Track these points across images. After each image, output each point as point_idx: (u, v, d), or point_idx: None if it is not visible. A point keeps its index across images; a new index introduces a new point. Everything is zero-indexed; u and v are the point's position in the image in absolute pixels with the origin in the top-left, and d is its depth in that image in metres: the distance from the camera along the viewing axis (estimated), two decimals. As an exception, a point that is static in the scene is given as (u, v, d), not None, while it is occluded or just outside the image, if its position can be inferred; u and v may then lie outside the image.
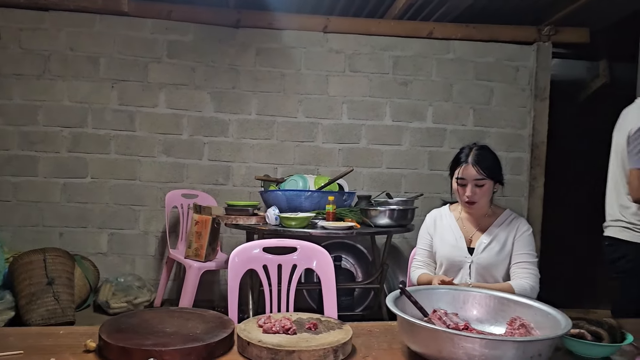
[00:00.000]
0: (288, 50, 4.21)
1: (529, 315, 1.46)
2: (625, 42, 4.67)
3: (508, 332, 1.40)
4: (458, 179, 2.05)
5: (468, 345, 1.16)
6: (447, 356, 1.20)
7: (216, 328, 1.31)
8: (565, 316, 1.35)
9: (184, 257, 3.57)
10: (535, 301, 1.52)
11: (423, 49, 4.33)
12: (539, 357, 1.21)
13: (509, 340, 1.20)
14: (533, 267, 2.03)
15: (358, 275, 4.13)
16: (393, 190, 4.22)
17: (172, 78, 4.10)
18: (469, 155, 2.05)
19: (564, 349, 1.43)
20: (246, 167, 4.21)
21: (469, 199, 2.03)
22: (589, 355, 1.40)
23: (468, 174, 2.02)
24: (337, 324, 1.42)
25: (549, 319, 1.39)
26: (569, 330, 1.34)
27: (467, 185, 2.03)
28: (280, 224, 3.09)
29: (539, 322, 1.41)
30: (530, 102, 4.41)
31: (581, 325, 1.44)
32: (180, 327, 1.32)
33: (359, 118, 4.30)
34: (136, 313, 1.44)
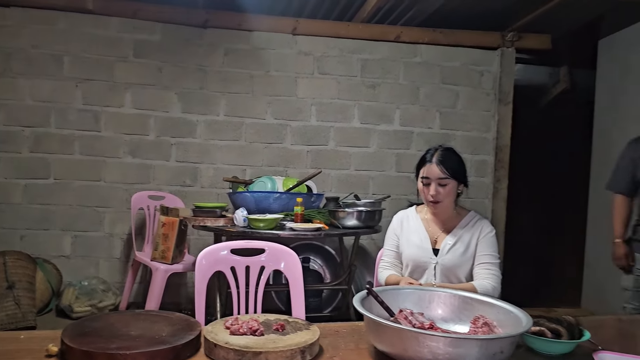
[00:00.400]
0: (257, 51, 4.20)
1: (492, 313, 1.49)
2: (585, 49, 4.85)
3: (472, 330, 1.43)
4: (422, 178, 2.09)
5: (433, 344, 1.19)
6: (413, 355, 1.22)
7: (182, 330, 1.30)
8: (526, 314, 1.39)
9: (151, 260, 3.52)
10: (498, 300, 1.56)
11: (391, 52, 4.38)
12: (501, 354, 1.24)
13: (471, 338, 1.23)
14: (495, 268, 2.07)
15: (326, 277, 4.14)
16: (361, 191, 4.26)
17: (139, 78, 4.04)
18: (434, 155, 2.09)
19: (525, 346, 1.48)
20: (214, 168, 4.17)
21: (432, 198, 2.07)
22: (548, 352, 1.45)
23: (432, 173, 2.06)
24: (304, 324, 1.43)
25: (510, 317, 1.43)
26: (530, 328, 1.38)
27: (431, 184, 2.07)
28: (248, 225, 3.08)
29: (501, 320, 1.45)
30: (495, 106, 4.52)
31: (541, 323, 1.49)
32: (146, 330, 1.30)
33: (327, 120, 4.32)
34: (100, 316, 1.41)
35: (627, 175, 2.79)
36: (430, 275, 2.09)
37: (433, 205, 2.10)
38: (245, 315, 1.49)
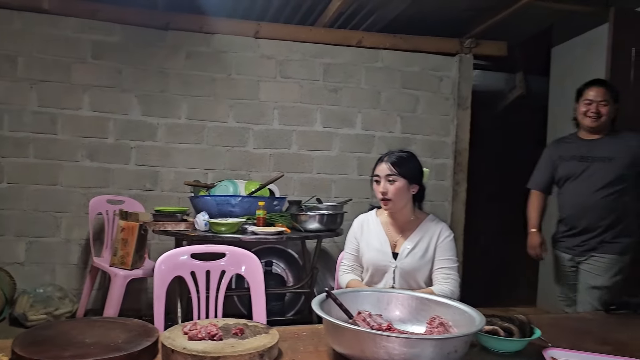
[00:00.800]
0: (219, 54, 4.18)
1: (448, 314, 1.53)
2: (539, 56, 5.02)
3: (428, 330, 1.47)
4: (374, 176, 2.14)
5: (389, 344, 1.21)
6: (370, 356, 1.24)
7: (139, 337, 1.29)
8: (479, 314, 1.44)
9: (109, 265, 3.45)
10: (453, 300, 1.61)
11: (353, 57, 4.43)
12: (455, 353, 1.27)
13: (426, 338, 1.26)
14: (454, 272, 2.12)
15: (289, 280, 4.14)
16: (323, 195, 4.29)
17: (97, 80, 3.96)
18: (386, 155, 2.15)
19: (479, 345, 1.52)
20: (175, 172, 4.12)
21: (382, 196, 2.10)
22: (501, 350, 1.49)
23: (381, 170, 2.12)
24: (263, 328, 1.44)
25: (465, 317, 1.47)
26: (483, 327, 1.43)
27: (381, 181, 2.11)
28: (210, 229, 3.06)
29: (456, 320, 1.48)
30: (454, 110, 4.62)
31: (494, 322, 1.53)
32: (101, 337, 1.28)
33: (290, 124, 4.33)
34: (53, 324, 1.39)
35: (546, 174, 2.97)
36: (390, 279, 2.12)
37: (384, 203, 2.13)
38: (204, 320, 1.49)
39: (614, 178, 2.74)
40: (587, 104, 2.77)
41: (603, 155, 2.77)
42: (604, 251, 2.79)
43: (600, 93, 2.77)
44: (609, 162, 2.75)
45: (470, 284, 4.01)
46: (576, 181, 2.83)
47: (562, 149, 2.93)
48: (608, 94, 2.77)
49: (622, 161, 2.74)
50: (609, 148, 2.77)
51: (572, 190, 2.86)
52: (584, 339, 1.70)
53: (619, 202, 2.77)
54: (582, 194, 2.80)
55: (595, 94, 2.77)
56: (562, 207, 2.94)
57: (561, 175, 2.91)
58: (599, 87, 2.79)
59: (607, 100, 2.76)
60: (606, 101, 2.76)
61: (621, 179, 2.75)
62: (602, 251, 2.79)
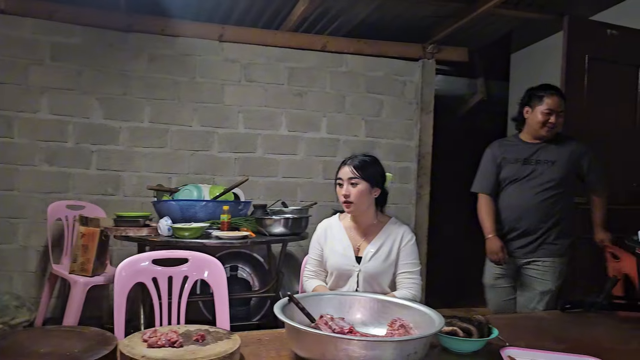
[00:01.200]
0: (182, 57, 4.13)
1: (409, 316, 1.56)
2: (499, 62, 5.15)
3: (389, 332, 1.49)
4: (337, 179, 2.15)
5: (349, 347, 1.22)
6: (331, 359, 1.25)
7: (97, 345, 1.26)
8: (439, 315, 1.47)
9: (69, 272, 3.36)
10: (414, 302, 1.64)
11: (317, 61, 4.45)
12: (415, 354, 1.30)
13: (385, 340, 1.28)
14: (416, 276, 2.15)
15: (255, 284, 4.13)
16: (289, 199, 4.28)
17: (56, 82, 3.86)
18: (349, 159, 2.17)
19: (440, 346, 1.55)
20: (138, 176, 4.05)
21: (345, 199, 2.12)
22: (460, 350, 1.53)
23: (344, 173, 2.13)
24: (225, 334, 1.43)
25: (425, 319, 1.50)
26: (442, 328, 1.46)
27: (343, 184, 2.13)
28: (173, 235, 3.02)
29: (417, 322, 1.51)
30: (417, 115, 4.69)
31: (454, 323, 1.56)
32: (57, 346, 1.25)
33: (255, 128, 4.32)
34: (8, 334, 1.35)
35: (492, 177, 2.92)
36: (353, 283, 2.13)
37: (346, 206, 2.14)
38: (165, 327, 1.47)
39: (556, 181, 2.77)
40: (547, 114, 2.74)
41: (547, 158, 2.79)
42: (545, 254, 2.81)
43: (559, 103, 2.75)
44: (552, 166, 2.77)
45: (434, 285, 4.07)
46: (519, 183, 2.83)
47: (506, 151, 2.90)
48: (564, 103, 2.77)
49: (564, 165, 2.78)
50: (552, 152, 2.79)
51: (514, 193, 2.85)
52: (540, 338, 1.75)
53: (558, 205, 2.80)
54: (524, 197, 2.80)
55: (556, 104, 2.74)
56: (503, 209, 2.91)
57: (504, 177, 2.88)
58: (558, 97, 2.76)
59: (563, 110, 2.76)
60: (562, 111, 2.76)
61: (562, 182, 2.78)
62: (543, 254, 2.81)
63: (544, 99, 2.75)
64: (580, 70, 3.15)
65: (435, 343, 1.55)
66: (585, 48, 3.16)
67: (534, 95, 2.81)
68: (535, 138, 2.83)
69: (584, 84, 3.17)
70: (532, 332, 1.82)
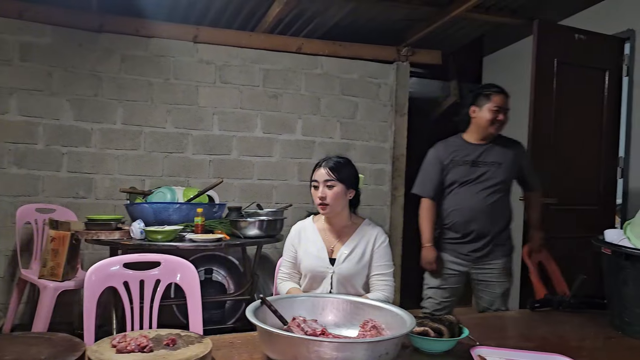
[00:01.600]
0: (156, 58, 4.09)
1: (381, 317, 1.57)
2: (472, 65, 5.23)
3: (361, 334, 1.50)
4: (312, 181, 2.16)
5: (321, 349, 1.23)
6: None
7: (64, 352, 1.24)
8: (410, 316, 1.48)
9: (38, 277, 3.29)
10: (386, 303, 1.65)
11: (292, 63, 4.45)
12: (387, 355, 1.31)
13: (357, 342, 1.29)
14: (389, 278, 2.17)
15: (230, 287, 4.10)
16: (264, 201, 4.27)
17: (25, 83, 3.77)
18: (322, 160, 2.19)
19: (411, 346, 1.57)
20: (110, 179, 3.99)
21: (320, 201, 2.12)
22: (432, 350, 1.54)
23: (319, 175, 2.14)
24: (197, 338, 1.42)
25: (397, 319, 1.51)
26: (414, 329, 1.47)
27: (319, 187, 2.13)
28: (145, 238, 2.98)
29: (389, 322, 1.52)
30: (391, 117, 4.73)
31: (425, 323, 1.58)
32: (22, 353, 1.22)
33: (229, 129, 4.29)
34: (-28, 342, 1.31)
35: (438, 180, 2.85)
36: (327, 285, 2.14)
37: (322, 208, 2.15)
38: (135, 332, 1.45)
39: (502, 183, 2.77)
40: (496, 111, 2.71)
41: (494, 160, 2.77)
42: (496, 256, 2.80)
43: (506, 101, 2.74)
44: (499, 167, 2.76)
45: (408, 286, 4.10)
46: (468, 186, 2.78)
47: (454, 153, 2.83)
48: (509, 103, 2.76)
49: (509, 166, 2.78)
50: (498, 153, 2.78)
51: (464, 196, 2.79)
52: (509, 337, 1.79)
53: (505, 206, 2.82)
54: (475, 199, 2.76)
55: (502, 102, 2.72)
56: (451, 213, 2.83)
57: (453, 179, 2.82)
58: (505, 95, 2.75)
59: (509, 108, 2.76)
60: (508, 109, 2.76)
61: (507, 183, 2.81)
62: (496, 256, 2.80)
63: (491, 97, 2.72)
64: (550, 74, 3.22)
65: (407, 343, 1.56)
66: (555, 52, 3.23)
67: (480, 95, 2.77)
68: (482, 138, 2.79)
69: (553, 87, 3.24)
70: (502, 331, 1.85)
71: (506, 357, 1.48)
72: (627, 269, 1.79)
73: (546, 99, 3.20)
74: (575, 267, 3.00)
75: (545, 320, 1.97)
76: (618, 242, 1.87)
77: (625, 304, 1.81)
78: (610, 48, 3.50)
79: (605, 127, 3.45)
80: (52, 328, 3.17)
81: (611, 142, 3.50)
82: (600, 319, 1.95)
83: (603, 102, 3.44)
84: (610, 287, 1.91)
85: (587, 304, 2.09)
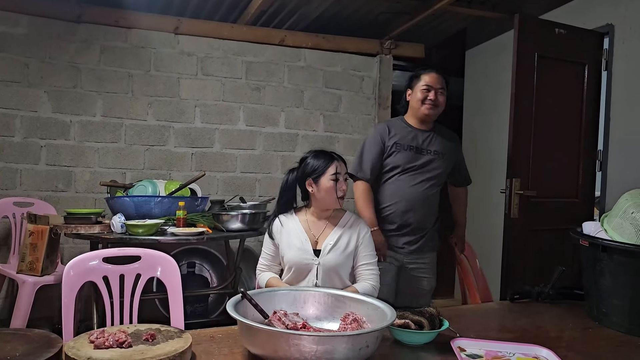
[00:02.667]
0: (136, 49, 4.03)
1: (362, 309, 1.57)
2: (454, 59, 5.25)
3: (342, 327, 1.50)
4: (336, 173, 2.15)
5: (300, 343, 1.23)
6: (283, 355, 1.25)
7: (40, 348, 1.22)
8: (391, 308, 1.49)
9: (17, 272, 3.24)
10: (367, 296, 1.65)
11: (275, 55, 4.42)
12: (367, 348, 1.31)
13: (336, 335, 1.29)
14: (374, 267, 2.19)
15: (213, 281, 4.08)
16: (247, 194, 4.25)
17: (1, 74, 3.70)
18: (332, 155, 2.21)
19: (392, 339, 1.57)
20: (90, 172, 3.94)
21: (344, 192, 2.17)
22: (412, 343, 1.56)
23: (342, 168, 2.18)
24: (176, 332, 1.41)
25: (378, 312, 1.52)
26: (394, 321, 1.48)
27: (340, 179, 2.16)
28: (126, 232, 2.95)
29: (370, 315, 1.53)
30: (375, 110, 4.73)
31: (406, 316, 1.59)
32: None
33: (212, 122, 4.26)
34: (-55, 339, 1.28)
35: (377, 162, 2.66)
36: (313, 277, 2.14)
37: (341, 201, 2.19)
38: (114, 327, 1.43)
39: (442, 175, 2.71)
40: (425, 90, 2.59)
41: (437, 149, 2.67)
42: (428, 250, 2.73)
43: (438, 80, 2.61)
44: (441, 158, 2.67)
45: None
46: (411, 174, 2.64)
47: (398, 136, 2.65)
48: (444, 82, 2.63)
49: (450, 158, 2.72)
50: (441, 143, 2.69)
51: (404, 184, 2.64)
52: (489, 328, 1.81)
53: (438, 200, 2.74)
54: (416, 189, 2.63)
55: (433, 81, 2.59)
56: (388, 200, 2.66)
57: (395, 164, 2.65)
58: (437, 74, 2.62)
59: (444, 88, 2.62)
60: (443, 89, 2.62)
61: (444, 175, 2.74)
62: (426, 250, 2.72)
63: (421, 76, 2.62)
64: (530, 67, 3.23)
65: (388, 336, 1.57)
66: (535, 46, 3.24)
67: (413, 77, 2.69)
68: (420, 121, 2.67)
69: (534, 80, 3.25)
70: (482, 323, 1.87)
71: (485, 349, 1.50)
72: (604, 261, 1.82)
73: (526, 92, 3.22)
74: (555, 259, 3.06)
75: (524, 311, 1.99)
76: (595, 234, 1.90)
77: (602, 295, 1.84)
78: (590, 42, 3.53)
79: (585, 121, 3.48)
80: (32, 324, 3.13)
81: (590, 136, 3.54)
82: (579, 310, 1.99)
83: (582, 96, 3.47)
84: (587, 279, 1.94)
85: (566, 295, 2.12)
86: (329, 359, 1.24)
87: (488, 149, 4.59)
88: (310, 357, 1.23)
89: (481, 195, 4.42)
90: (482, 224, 4.39)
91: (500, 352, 1.49)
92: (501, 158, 3.50)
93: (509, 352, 1.49)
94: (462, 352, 1.46)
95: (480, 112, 4.86)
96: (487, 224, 4.41)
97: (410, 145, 2.64)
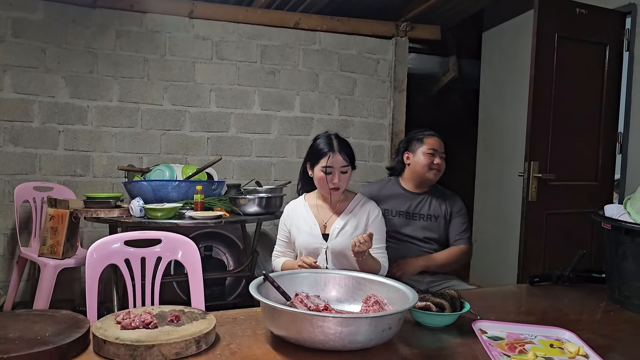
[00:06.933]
0: (151, 34, 4.03)
1: (383, 292, 1.58)
2: (471, 41, 5.18)
3: (363, 309, 1.51)
4: (326, 167, 2.13)
5: (324, 324, 1.24)
6: (307, 337, 1.26)
7: (69, 329, 1.24)
8: (413, 291, 1.49)
9: (38, 255, 3.30)
10: (388, 279, 1.66)
11: (290, 39, 4.40)
12: (390, 330, 1.32)
13: (360, 317, 1.30)
14: (384, 251, 2.21)
15: (229, 264, 4.12)
16: (263, 178, 4.27)
17: (19, 59, 3.72)
18: (332, 144, 2.15)
19: (413, 321, 1.58)
20: (108, 156, 3.97)
21: (335, 185, 2.14)
22: (433, 325, 1.56)
23: (336, 161, 2.13)
24: (200, 314, 1.42)
25: (399, 294, 1.52)
26: (416, 304, 1.48)
27: (334, 172, 2.13)
28: (145, 215, 2.98)
29: (391, 297, 1.53)
30: (390, 93, 4.70)
31: (427, 298, 1.59)
32: (26, 330, 1.22)
33: (227, 106, 4.26)
34: (-25, 320, 1.31)
35: None
36: (322, 260, 2.15)
37: (334, 192, 2.16)
38: (139, 309, 1.45)
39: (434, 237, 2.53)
40: (431, 155, 2.46)
41: (429, 213, 2.52)
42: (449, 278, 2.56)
43: (441, 144, 2.51)
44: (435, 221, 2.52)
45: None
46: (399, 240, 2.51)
47: (388, 203, 2.52)
48: (444, 147, 2.52)
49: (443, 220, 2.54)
50: (433, 205, 2.53)
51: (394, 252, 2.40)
52: (510, 311, 1.80)
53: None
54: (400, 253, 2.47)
55: (437, 144, 2.49)
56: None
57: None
58: (439, 138, 2.53)
59: (445, 152, 2.51)
60: (445, 154, 2.51)
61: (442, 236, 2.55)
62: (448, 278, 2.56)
63: (424, 139, 2.50)
64: (550, 48, 3.18)
65: (409, 318, 1.57)
66: (555, 26, 3.18)
67: (412, 139, 2.56)
68: (419, 185, 2.55)
69: (554, 62, 3.20)
70: (502, 306, 1.86)
71: (507, 331, 1.49)
72: (627, 244, 1.80)
73: (546, 74, 3.17)
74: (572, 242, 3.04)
75: (544, 294, 1.98)
76: (618, 217, 1.88)
77: (624, 278, 1.82)
78: (611, 22, 3.46)
79: (605, 102, 3.43)
80: (53, 305, 3.19)
81: (610, 117, 3.48)
82: (599, 293, 1.97)
83: (603, 77, 3.41)
84: (609, 262, 1.92)
85: (586, 278, 2.11)
86: (352, 340, 1.25)
87: (506, 133, 4.54)
88: (333, 339, 1.24)
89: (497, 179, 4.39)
90: (498, 207, 4.37)
91: (522, 334, 1.48)
92: (518, 142, 3.47)
93: (530, 334, 1.48)
94: (484, 334, 1.46)
95: (497, 95, 4.80)
96: (503, 208, 4.39)
97: (399, 212, 2.51)
